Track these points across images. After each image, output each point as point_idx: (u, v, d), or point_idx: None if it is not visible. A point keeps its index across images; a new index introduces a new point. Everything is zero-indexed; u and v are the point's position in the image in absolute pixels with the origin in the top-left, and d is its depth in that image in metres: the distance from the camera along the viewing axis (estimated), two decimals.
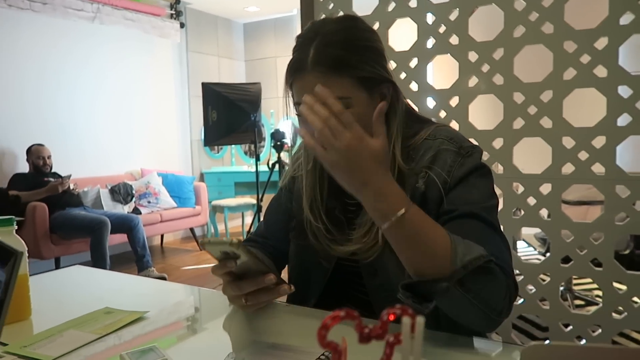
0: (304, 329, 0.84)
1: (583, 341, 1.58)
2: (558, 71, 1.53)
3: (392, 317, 0.32)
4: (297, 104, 0.83)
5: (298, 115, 0.84)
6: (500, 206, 1.64)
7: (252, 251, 0.73)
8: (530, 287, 1.64)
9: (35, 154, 3.94)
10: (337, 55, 0.78)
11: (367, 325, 0.32)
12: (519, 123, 1.61)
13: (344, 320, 0.31)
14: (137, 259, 3.98)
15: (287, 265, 1.04)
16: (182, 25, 5.62)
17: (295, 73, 0.82)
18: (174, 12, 5.56)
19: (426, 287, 0.72)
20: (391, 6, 1.80)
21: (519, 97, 1.60)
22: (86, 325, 0.87)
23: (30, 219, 3.66)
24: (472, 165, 0.83)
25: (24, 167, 4.05)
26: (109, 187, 4.55)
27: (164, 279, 3.97)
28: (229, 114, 3.72)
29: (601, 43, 1.46)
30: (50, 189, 3.75)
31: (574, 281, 3.03)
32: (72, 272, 1.27)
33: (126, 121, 5.09)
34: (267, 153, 6.01)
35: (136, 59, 5.20)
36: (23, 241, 0.93)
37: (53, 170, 4.06)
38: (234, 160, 6.32)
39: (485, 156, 1.67)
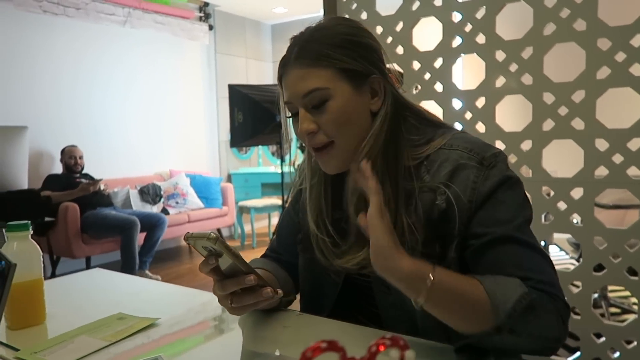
0: (315, 340, 0.81)
1: (617, 354, 1.50)
2: (591, 70, 1.46)
3: (381, 348, 0.29)
4: (286, 104, 0.84)
5: (289, 117, 0.85)
6: None
7: (231, 247, 0.70)
8: None
9: (67, 154, 4.06)
10: (317, 48, 0.79)
11: (354, 357, 0.29)
12: (549, 124, 1.54)
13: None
14: (139, 252, 4.00)
15: None
16: (210, 28, 5.67)
17: (282, 69, 0.83)
18: (202, 15, 5.62)
19: (478, 343, 0.70)
20: (415, 5, 1.75)
21: (549, 98, 1.53)
22: (98, 331, 0.87)
23: (62, 219, 3.76)
24: (497, 178, 0.78)
25: (60, 169, 4.17)
26: (138, 188, 4.63)
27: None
28: (254, 115, 3.73)
29: (638, 40, 1.39)
30: (82, 189, 3.84)
31: (610, 287, 2.90)
32: (91, 275, 1.28)
33: (155, 123, 5.17)
34: (294, 154, 6.00)
35: (166, 61, 5.29)
36: (39, 246, 0.93)
37: (85, 172, 4.16)
38: (261, 161, 6.35)
39: (512, 159, 1.61)
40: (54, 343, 0.83)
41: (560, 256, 3.81)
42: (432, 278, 0.66)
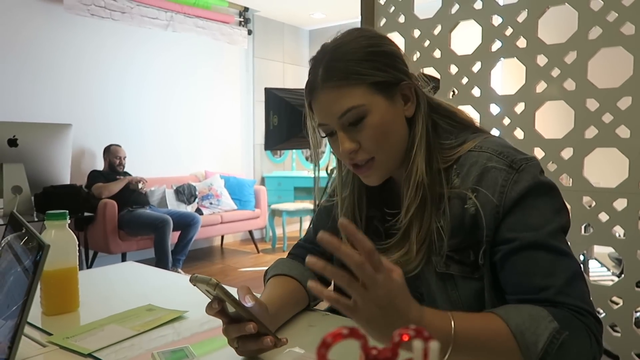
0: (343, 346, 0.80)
1: None
2: (639, 76, 1.40)
3: (405, 338, 0.28)
4: (320, 125, 0.83)
5: (324, 136, 0.84)
6: None
7: (231, 294, 0.69)
8: (599, 310, 1.50)
9: (113, 153, 4.19)
10: (344, 67, 0.77)
11: (376, 347, 0.28)
12: (591, 132, 1.48)
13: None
14: (173, 251, 4.08)
15: None
16: (249, 32, 5.76)
17: (310, 94, 0.82)
18: (242, 20, 5.71)
19: None
20: (454, 8, 1.72)
21: (592, 104, 1.48)
22: (127, 321, 0.89)
23: (101, 215, 3.87)
24: (527, 183, 0.75)
25: (100, 166, 4.30)
26: (174, 188, 4.73)
27: None
28: (289, 118, 3.76)
29: None
30: (130, 180, 4.02)
31: None
32: (123, 268, 1.31)
33: (193, 124, 5.28)
34: (327, 159, 6.02)
35: (205, 64, 5.39)
36: (75, 235, 0.96)
37: (125, 170, 4.28)
38: (295, 165, 6.38)
39: (552, 167, 1.55)
40: (85, 330, 0.85)
41: (602, 272, 3.67)
42: (453, 331, 0.63)
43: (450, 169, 0.80)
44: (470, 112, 1.70)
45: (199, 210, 4.74)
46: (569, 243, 0.77)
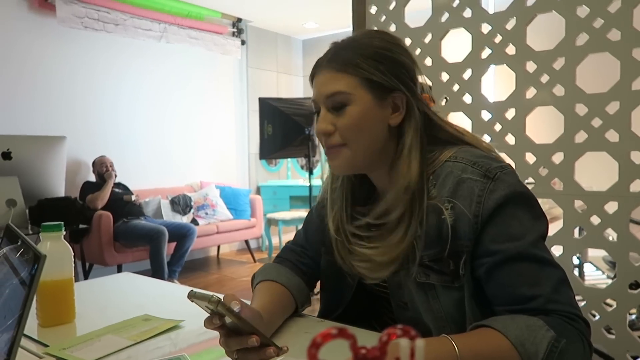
0: (333, 347, 0.80)
1: None
2: (626, 81, 1.42)
3: (393, 337, 0.29)
4: (312, 100, 0.87)
5: (314, 112, 0.88)
6: (560, 225, 1.54)
7: (233, 310, 0.69)
8: (594, 313, 1.51)
9: (99, 164, 4.18)
10: (348, 55, 0.82)
11: (365, 346, 0.29)
12: (581, 136, 1.50)
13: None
14: (169, 262, 4.07)
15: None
16: (243, 43, 5.79)
17: (314, 69, 0.87)
18: (235, 30, 5.74)
19: None
20: (444, 17, 1.75)
21: (581, 109, 1.50)
22: (124, 331, 0.89)
23: (96, 227, 3.86)
24: (504, 192, 0.76)
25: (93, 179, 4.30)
26: (170, 198, 4.72)
27: None
28: (284, 127, 3.77)
29: None
30: (109, 175, 4.03)
31: None
32: (119, 278, 1.31)
33: (188, 135, 5.28)
34: (322, 168, 6.01)
35: (199, 75, 5.41)
36: (70, 247, 0.96)
37: (118, 180, 4.27)
38: (290, 174, 6.39)
39: (543, 172, 1.57)
40: (81, 340, 0.85)
41: (597, 275, 3.68)
42: (458, 351, 0.65)
43: (428, 180, 0.82)
44: (462, 118, 1.73)
45: (194, 221, 4.73)
46: (550, 249, 0.79)
